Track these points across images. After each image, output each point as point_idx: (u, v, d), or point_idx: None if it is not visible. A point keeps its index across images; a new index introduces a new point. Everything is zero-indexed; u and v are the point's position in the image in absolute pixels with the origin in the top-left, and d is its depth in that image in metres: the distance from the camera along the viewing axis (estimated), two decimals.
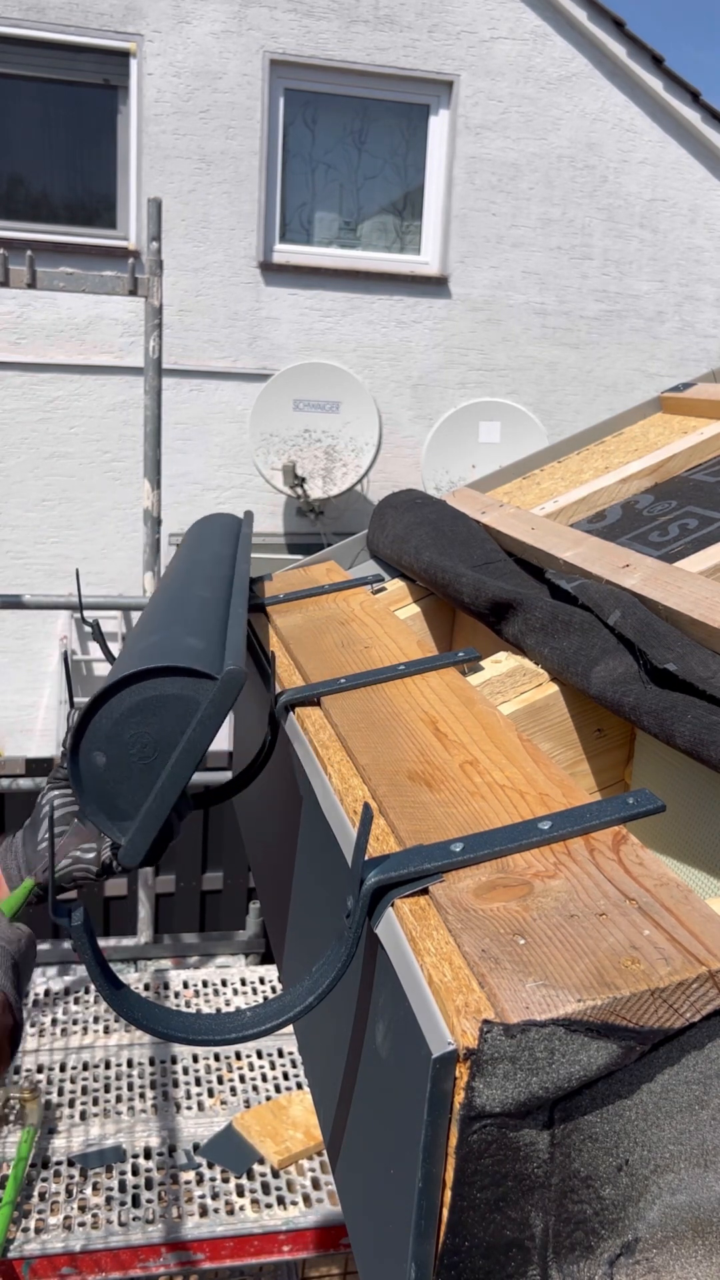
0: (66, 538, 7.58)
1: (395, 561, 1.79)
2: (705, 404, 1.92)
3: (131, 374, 7.30)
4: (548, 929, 0.70)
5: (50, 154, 7.46)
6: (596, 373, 8.36)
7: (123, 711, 0.96)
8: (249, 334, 7.70)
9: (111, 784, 0.98)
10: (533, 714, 1.27)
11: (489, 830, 0.84)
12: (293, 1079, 3.72)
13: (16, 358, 7.32)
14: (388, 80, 7.63)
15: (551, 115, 7.85)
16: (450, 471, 7.58)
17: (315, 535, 7.79)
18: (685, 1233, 0.67)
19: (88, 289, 3.92)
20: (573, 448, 2.04)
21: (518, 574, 1.53)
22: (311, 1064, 1.09)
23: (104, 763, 0.97)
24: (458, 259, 7.93)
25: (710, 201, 8.24)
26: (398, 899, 0.77)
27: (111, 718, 0.97)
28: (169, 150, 7.36)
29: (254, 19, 7.28)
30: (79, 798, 0.99)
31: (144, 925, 4.68)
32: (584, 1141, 0.64)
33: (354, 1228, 0.85)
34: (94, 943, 0.83)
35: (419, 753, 1.02)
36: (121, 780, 0.98)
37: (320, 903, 1.08)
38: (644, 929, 0.69)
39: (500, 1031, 0.61)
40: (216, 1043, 0.81)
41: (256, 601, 1.66)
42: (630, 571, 1.31)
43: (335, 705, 1.17)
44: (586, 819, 0.84)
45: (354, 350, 7.90)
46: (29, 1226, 3.03)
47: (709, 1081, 0.65)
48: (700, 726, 0.99)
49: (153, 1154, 3.33)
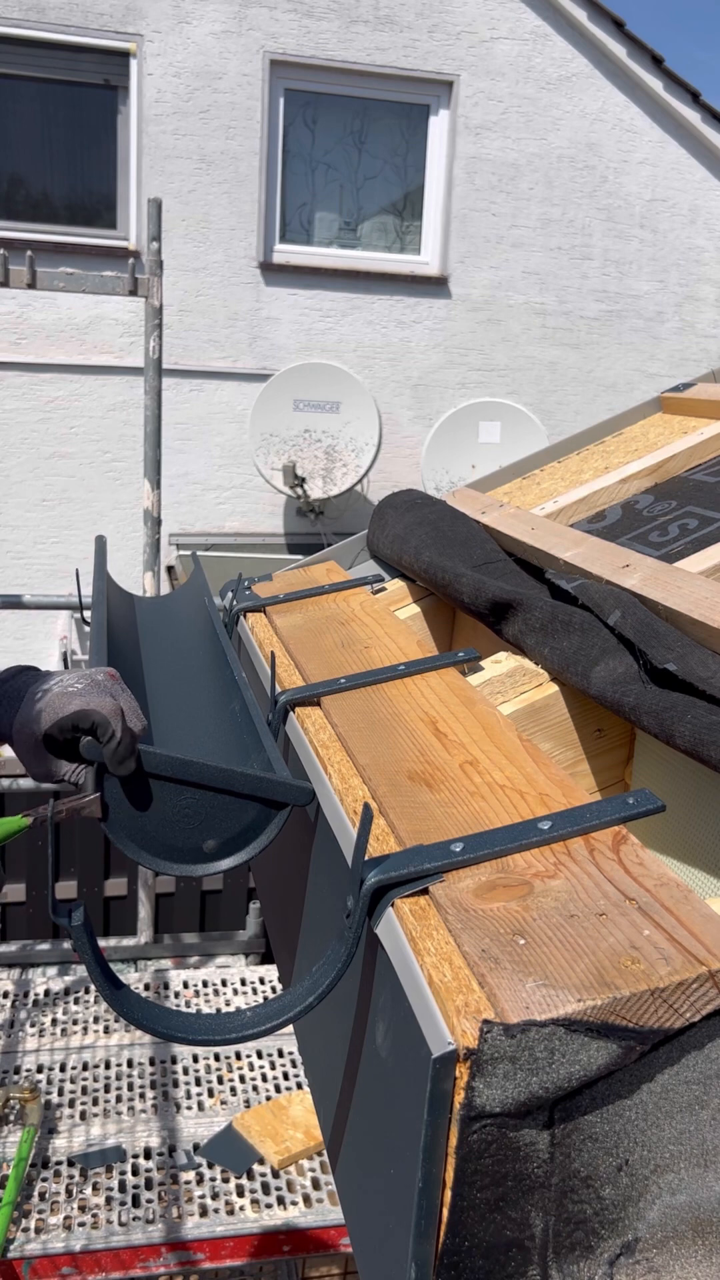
0: (66, 538, 7.58)
1: (395, 561, 1.79)
2: (705, 404, 1.92)
3: (131, 374, 7.29)
4: (548, 929, 0.70)
5: (50, 154, 7.45)
6: (596, 373, 8.36)
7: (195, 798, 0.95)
8: (249, 334, 7.70)
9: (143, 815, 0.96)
10: (533, 714, 1.27)
11: (489, 830, 0.84)
12: (293, 1079, 3.72)
13: (16, 358, 7.32)
14: (388, 80, 7.63)
15: (551, 115, 7.85)
16: (450, 471, 7.58)
17: (315, 535, 7.78)
18: (685, 1233, 0.67)
19: (88, 289, 3.92)
20: (573, 448, 2.04)
21: (518, 574, 1.53)
22: (311, 1064, 1.09)
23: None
24: (458, 259, 7.93)
25: (710, 201, 8.24)
26: (398, 899, 0.77)
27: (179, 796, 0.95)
28: (169, 150, 7.36)
29: (254, 19, 7.28)
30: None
31: (144, 925, 4.68)
32: (584, 1141, 0.64)
33: (354, 1228, 0.85)
34: (94, 943, 0.83)
35: (419, 753, 1.02)
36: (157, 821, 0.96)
37: (320, 903, 1.08)
38: (644, 929, 0.69)
39: (500, 1031, 0.61)
40: (216, 1043, 0.81)
41: (256, 603, 1.66)
42: (630, 571, 1.31)
43: (335, 705, 1.17)
44: (586, 819, 0.84)
45: (354, 350, 7.89)
46: (29, 1226, 3.03)
47: (709, 1081, 0.65)
48: (700, 726, 0.99)
49: (153, 1154, 3.33)
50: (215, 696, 1.24)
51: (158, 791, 0.94)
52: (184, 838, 0.95)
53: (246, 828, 0.96)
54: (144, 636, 1.49)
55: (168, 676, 1.33)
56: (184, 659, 1.41)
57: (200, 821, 0.95)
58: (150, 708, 1.20)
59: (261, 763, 1.01)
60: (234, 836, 0.96)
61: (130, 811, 0.94)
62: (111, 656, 1.19)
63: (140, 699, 1.22)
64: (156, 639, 1.49)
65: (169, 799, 0.94)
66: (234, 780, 0.94)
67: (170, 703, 1.24)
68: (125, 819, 0.95)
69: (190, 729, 1.19)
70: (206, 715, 1.21)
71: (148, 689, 1.26)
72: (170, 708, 1.22)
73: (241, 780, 0.94)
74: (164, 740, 1.11)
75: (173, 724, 1.18)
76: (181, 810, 0.95)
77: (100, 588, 1.40)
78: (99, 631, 1.23)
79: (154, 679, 1.31)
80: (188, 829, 0.95)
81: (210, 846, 0.96)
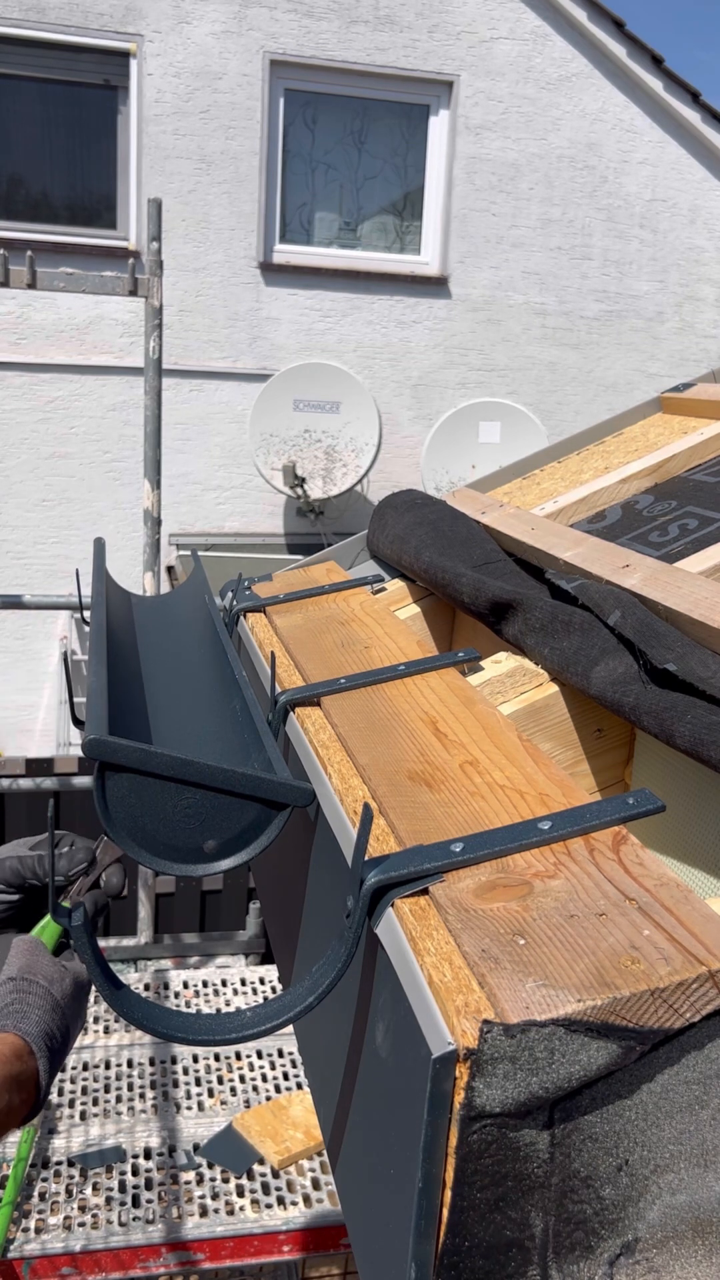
0: (66, 538, 7.58)
1: (395, 561, 1.79)
2: (705, 404, 1.92)
3: (131, 374, 7.30)
4: (548, 929, 0.70)
5: (50, 154, 7.46)
6: (596, 373, 8.36)
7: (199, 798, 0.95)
8: (249, 334, 7.70)
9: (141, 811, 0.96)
10: (533, 714, 1.27)
11: (489, 830, 0.84)
12: (293, 1079, 3.72)
13: (16, 358, 7.32)
14: (388, 80, 7.63)
15: (551, 115, 7.85)
16: (450, 471, 7.58)
17: (315, 535, 7.79)
18: (685, 1233, 0.67)
19: (88, 289, 3.92)
20: (573, 448, 2.04)
21: (518, 574, 1.53)
22: (311, 1064, 1.09)
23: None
24: (458, 259, 7.94)
25: (710, 201, 8.24)
26: (398, 899, 0.77)
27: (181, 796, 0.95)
28: (169, 150, 7.36)
29: (254, 19, 7.28)
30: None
31: (144, 925, 4.68)
32: (584, 1141, 0.64)
33: (354, 1228, 0.85)
34: (94, 943, 0.83)
35: (419, 753, 1.02)
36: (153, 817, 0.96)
37: (320, 903, 1.08)
38: (644, 929, 0.69)
39: (500, 1031, 0.61)
40: (216, 1043, 0.81)
41: (256, 603, 1.66)
42: (630, 571, 1.31)
43: (335, 705, 1.17)
44: (586, 819, 0.84)
45: (354, 350, 7.90)
46: (29, 1226, 3.03)
47: (709, 1081, 0.65)
48: (700, 726, 0.99)
49: (153, 1154, 3.33)
50: (215, 695, 1.24)
51: (158, 791, 0.94)
52: (184, 838, 0.95)
53: (247, 828, 0.96)
54: (143, 636, 1.49)
55: (167, 675, 1.33)
56: (184, 657, 1.41)
57: (200, 821, 0.95)
58: (150, 707, 1.20)
59: (262, 762, 1.01)
60: (234, 837, 0.96)
61: (131, 811, 0.94)
62: (111, 657, 1.19)
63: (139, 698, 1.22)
64: (156, 638, 1.49)
65: (169, 799, 0.94)
66: (234, 781, 0.94)
67: (170, 701, 1.24)
68: (126, 819, 0.95)
69: (190, 728, 1.19)
70: (206, 714, 1.21)
71: (147, 688, 1.26)
72: (170, 706, 1.22)
73: (242, 781, 0.94)
74: (164, 739, 1.11)
75: (173, 723, 1.18)
76: (182, 810, 0.95)
77: (100, 589, 1.40)
78: (98, 634, 1.23)
79: (153, 678, 1.31)
80: (188, 829, 0.95)
81: (210, 847, 0.96)
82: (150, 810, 0.95)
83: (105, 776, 0.94)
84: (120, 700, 1.11)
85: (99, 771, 0.94)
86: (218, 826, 0.96)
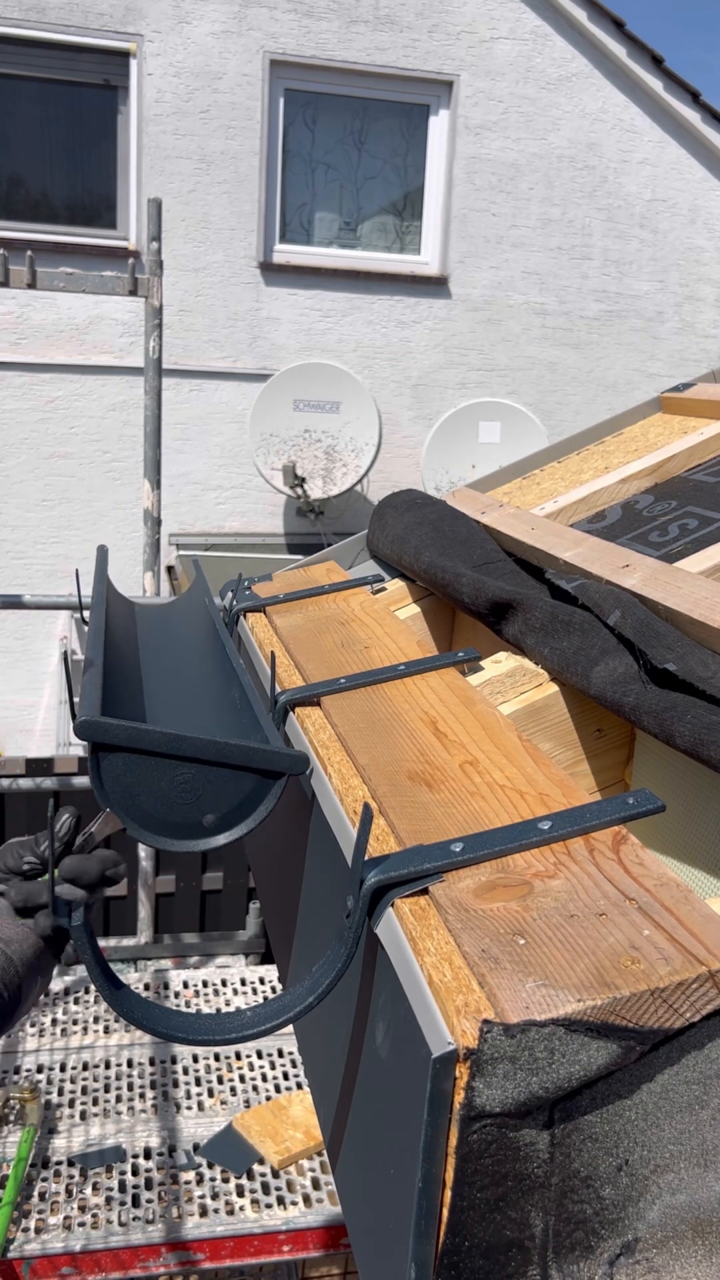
0: (66, 538, 7.58)
1: (395, 561, 1.79)
2: (705, 404, 1.92)
3: (131, 374, 7.29)
4: (548, 929, 0.70)
5: (50, 154, 7.45)
6: (596, 373, 8.36)
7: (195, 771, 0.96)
8: (249, 334, 7.70)
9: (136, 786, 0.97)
10: (533, 714, 1.27)
11: (489, 830, 0.84)
12: (293, 1079, 3.72)
13: (16, 358, 7.32)
14: (388, 80, 7.63)
15: (551, 115, 7.85)
16: (450, 471, 7.58)
17: (315, 535, 7.78)
18: (685, 1233, 0.67)
19: (88, 289, 3.92)
20: (573, 448, 2.04)
21: (518, 574, 1.53)
22: (311, 1064, 1.09)
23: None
24: (458, 259, 7.93)
25: (710, 201, 8.24)
26: (398, 899, 0.77)
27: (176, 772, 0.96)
28: (169, 150, 7.36)
29: (254, 19, 7.28)
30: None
31: (144, 925, 4.68)
32: (584, 1141, 0.64)
33: (354, 1228, 0.85)
34: (94, 943, 0.84)
35: (419, 753, 1.02)
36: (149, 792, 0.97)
37: (320, 903, 1.08)
38: (644, 929, 0.69)
39: (500, 1031, 0.61)
40: (216, 1043, 0.81)
41: (256, 603, 1.66)
42: (630, 571, 1.31)
43: (335, 705, 1.17)
44: (586, 819, 0.84)
45: (354, 350, 7.89)
46: (29, 1226, 3.03)
47: (709, 1081, 0.65)
48: (700, 726, 0.99)
49: (153, 1154, 3.33)
50: (215, 688, 1.24)
51: (153, 768, 0.95)
52: (183, 813, 0.96)
53: (244, 800, 0.96)
54: (144, 637, 1.50)
55: (167, 672, 1.34)
56: (183, 656, 1.42)
57: (198, 796, 0.96)
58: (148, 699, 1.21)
59: (259, 739, 1.01)
60: (233, 809, 0.97)
61: (128, 790, 0.95)
62: (109, 654, 1.19)
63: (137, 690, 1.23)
64: (157, 639, 1.49)
65: (165, 775, 0.95)
66: (227, 752, 0.95)
67: (169, 694, 1.25)
68: (124, 798, 0.95)
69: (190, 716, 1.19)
70: (206, 704, 1.21)
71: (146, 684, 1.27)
72: (169, 699, 1.23)
73: (235, 751, 0.95)
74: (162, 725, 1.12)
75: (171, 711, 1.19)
76: (179, 785, 0.96)
77: (100, 590, 1.41)
78: (96, 632, 1.24)
79: (153, 675, 1.32)
80: (186, 804, 0.96)
81: (209, 820, 0.97)
82: (147, 788, 0.96)
83: (100, 757, 0.94)
84: (117, 691, 1.12)
85: (93, 753, 0.95)
86: (215, 800, 0.96)
